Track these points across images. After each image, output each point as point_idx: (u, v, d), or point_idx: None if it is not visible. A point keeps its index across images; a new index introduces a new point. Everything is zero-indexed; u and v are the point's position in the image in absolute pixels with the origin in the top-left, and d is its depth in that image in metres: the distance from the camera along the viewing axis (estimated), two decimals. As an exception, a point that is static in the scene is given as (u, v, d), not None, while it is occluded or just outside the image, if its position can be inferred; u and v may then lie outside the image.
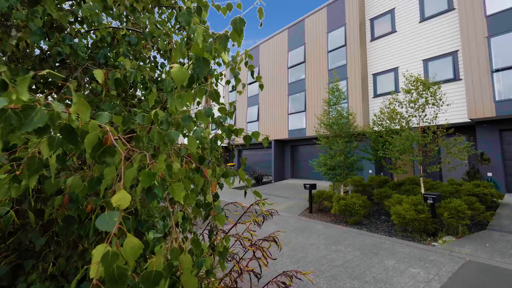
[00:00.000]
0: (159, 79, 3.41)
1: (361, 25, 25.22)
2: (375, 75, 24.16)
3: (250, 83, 37.10)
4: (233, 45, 3.51)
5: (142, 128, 1.88)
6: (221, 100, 43.64)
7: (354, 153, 18.08)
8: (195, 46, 1.73)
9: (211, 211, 2.18)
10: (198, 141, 2.40)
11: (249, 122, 36.50)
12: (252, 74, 3.63)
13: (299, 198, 20.61)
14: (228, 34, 1.96)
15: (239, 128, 2.66)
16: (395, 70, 22.86)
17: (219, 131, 2.74)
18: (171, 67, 1.66)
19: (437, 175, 20.01)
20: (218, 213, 2.19)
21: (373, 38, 24.81)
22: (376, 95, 23.77)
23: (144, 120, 1.86)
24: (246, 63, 3.70)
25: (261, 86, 3.62)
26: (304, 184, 17.55)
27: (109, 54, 3.46)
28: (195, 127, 2.20)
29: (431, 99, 14.70)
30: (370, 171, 22.76)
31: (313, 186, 17.02)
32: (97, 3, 3.07)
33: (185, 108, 2.99)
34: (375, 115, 18.56)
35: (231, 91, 34.35)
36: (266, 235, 4.26)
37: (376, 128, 18.56)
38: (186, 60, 3.39)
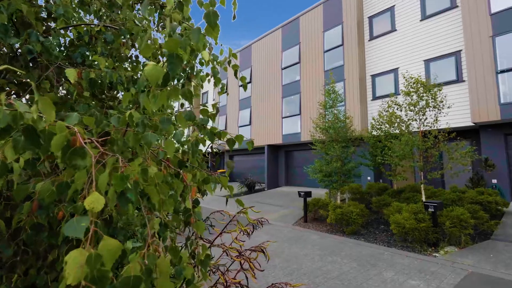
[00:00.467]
0: (142, 79, 3.39)
1: (359, 24, 25.33)
2: (373, 77, 24.26)
3: (241, 85, 37.10)
4: (216, 43, 3.52)
5: (117, 130, 1.88)
6: (211, 102, 43.66)
7: (351, 159, 18.10)
8: (168, 42, 1.74)
9: (191, 218, 2.19)
10: (178, 145, 2.41)
11: (240, 126, 36.48)
12: (235, 74, 3.64)
13: (294, 207, 20.62)
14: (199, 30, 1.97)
15: (222, 131, 2.67)
16: (395, 71, 22.94)
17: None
18: (145, 65, 1.67)
19: (439, 182, 20.09)
20: (198, 219, 2.20)
21: (372, 38, 24.92)
22: (375, 98, 23.86)
23: (119, 122, 1.86)
24: (229, 62, 3.71)
25: (244, 87, 3.63)
26: (298, 191, 17.56)
27: (87, 53, 3.46)
28: (176, 130, 2.20)
29: (432, 102, 14.76)
30: (369, 178, 22.79)
31: (308, 194, 17.02)
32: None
33: (169, 110, 2.99)
34: (373, 119, 18.62)
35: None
36: (256, 246, 4.25)
37: (374, 133, 18.61)
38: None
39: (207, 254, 2.44)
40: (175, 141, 2.17)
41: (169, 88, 1.82)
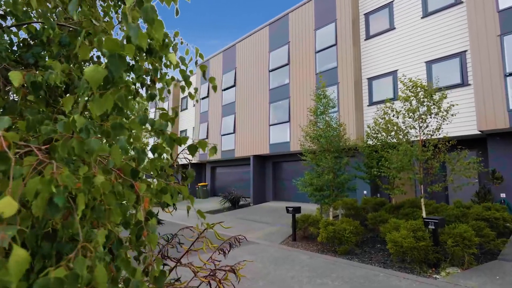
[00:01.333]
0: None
1: (354, 21, 25.54)
2: (370, 80, 24.48)
3: (224, 89, 37.13)
4: (182, 42, 3.59)
5: (61, 136, 1.92)
6: (191, 108, 43.45)
7: (344, 170, 18.16)
8: (106, 41, 1.81)
9: (143, 231, 2.23)
10: (144, 153, 2.46)
11: (223, 135, 36.57)
12: (203, 75, 3.70)
13: (281, 224, 20.66)
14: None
15: (183, 137, 2.73)
16: (393, 73, 23.10)
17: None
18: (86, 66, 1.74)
19: (442, 196, 20.14)
20: (151, 232, 2.24)
21: (368, 37, 25.15)
22: (371, 103, 24.03)
23: (64, 128, 1.91)
24: (196, 63, 3.77)
25: (214, 88, 3.69)
26: (286, 207, 17.58)
27: (43, 53, 3.49)
28: (122, 136, 2.22)
29: (434, 108, 14.79)
30: (365, 192, 22.89)
31: (297, 210, 17.04)
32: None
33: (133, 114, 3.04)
34: (368, 127, 18.66)
35: (202, 99, 33.88)
36: (229, 265, 4.31)
37: (370, 142, 18.65)
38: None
39: (162, 271, 2.48)
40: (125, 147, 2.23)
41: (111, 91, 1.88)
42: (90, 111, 2.36)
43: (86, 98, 1.96)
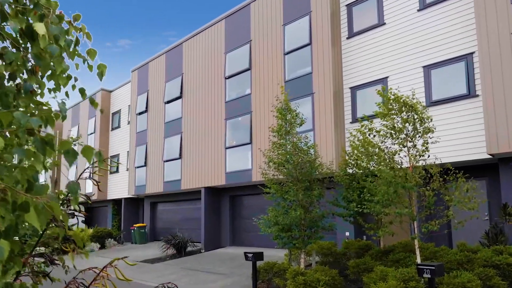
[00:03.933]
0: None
1: (334, 14, 25.56)
2: (354, 89, 24.56)
3: (168, 102, 37.08)
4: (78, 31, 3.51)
5: None
6: (125, 126, 42.97)
7: (317, 205, 18.15)
8: None
9: None
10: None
11: (166, 161, 36.43)
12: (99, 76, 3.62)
13: (240, 275, 20.58)
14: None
15: (64, 141, 2.58)
16: (383, 81, 23.03)
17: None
18: None
19: (444, 237, 20.07)
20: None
21: (352, 34, 25.28)
22: (355, 120, 23.72)
23: None
24: (74, 43, 3.63)
25: (100, 75, 3.62)
26: (245, 253, 17.48)
27: None
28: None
29: (420, 126, 14.90)
30: (347, 234, 22.75)
31: (258, 256, 16.90)
32: None
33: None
34: (343, 151, 18.51)
35: (140, 114, 33.37)
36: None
37: (349, 170, 18.62)
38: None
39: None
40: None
41: None
42: None
43: None
